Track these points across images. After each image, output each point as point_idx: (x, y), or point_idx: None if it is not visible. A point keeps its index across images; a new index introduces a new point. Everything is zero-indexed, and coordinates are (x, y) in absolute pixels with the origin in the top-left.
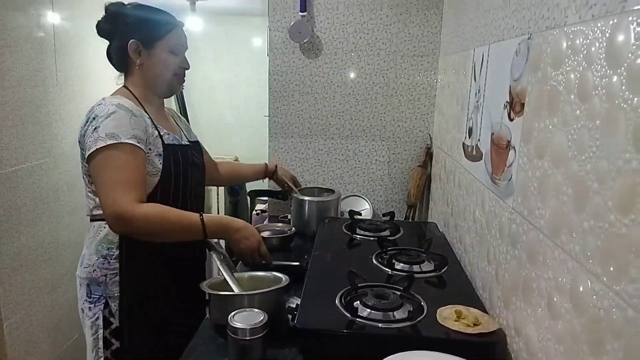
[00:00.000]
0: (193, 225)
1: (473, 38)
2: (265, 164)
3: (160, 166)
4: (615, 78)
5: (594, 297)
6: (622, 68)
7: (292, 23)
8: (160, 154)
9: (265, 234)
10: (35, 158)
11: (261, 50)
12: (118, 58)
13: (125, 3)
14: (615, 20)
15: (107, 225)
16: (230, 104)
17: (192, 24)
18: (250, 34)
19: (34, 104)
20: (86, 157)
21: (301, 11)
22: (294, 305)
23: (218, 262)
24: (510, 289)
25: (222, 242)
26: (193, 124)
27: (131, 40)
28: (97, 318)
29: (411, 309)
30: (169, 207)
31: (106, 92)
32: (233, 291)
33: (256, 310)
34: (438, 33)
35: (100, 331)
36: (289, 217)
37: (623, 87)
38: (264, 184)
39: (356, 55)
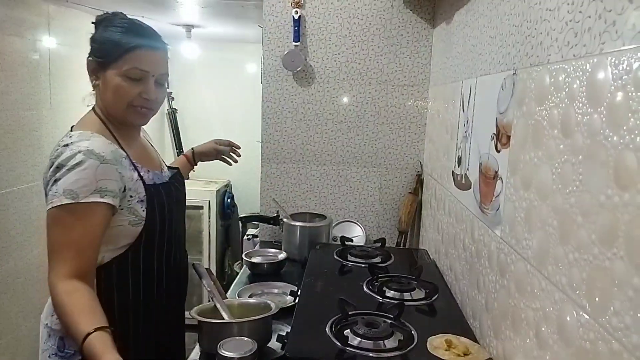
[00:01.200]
0: (77, 335)
1: (461, 70)
2: (184, 154)
3: (144, 214)
4: (595, 116)
5: (580, 329)
6: (602, 107)
7: (286, 52)
8: (142, 200)
9: (257, 259)
10: (26, 181)
11: (255, 76)
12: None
13: (109, 13)
14: (595, 60)
15: None
16: (223, 128)
17: (188, 50)
18: (244, 60)
19: (27, 127)
20: (47, 211)
21: (294, 41)
22: (284, 333)
23: (207, 289)
24: (499, 318)
25: (213, 268)
26: (186, 148)
27: (89, 58)
28: None
29: (402, 338)
30: (85, 296)
31: None
32: (223, 318)
33: (246, 338)
34: (428, 64)
35: None
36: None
37: (603, 125)
38: (256, 208)
39: (348, 84)
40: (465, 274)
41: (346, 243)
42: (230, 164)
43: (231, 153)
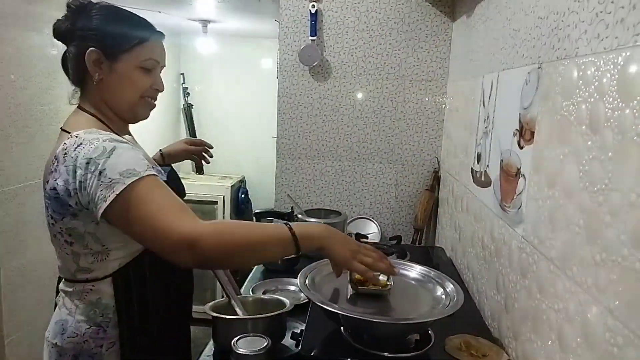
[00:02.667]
0: (281, 234)
1: (482, 65)
2: (161, 153)
3: None
4: (627, 111)
5: (607, 333)
6: (635, 101)
7: (302, 47)
8: None
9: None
10: (42, 175)
11: (270, 72)
12: (74, 68)
13: (94, 1)
14: (628, 53)
15: (96, 288)
16: (238, 124)
17: (204, 46)
18: (260, 55)
19: (44, 121)
20: (102, 210)
21: (311, 35)
22: (299, 331)
23: (223, 285)
24: (520, 320)
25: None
26: None
27: (90, 48)
28: None
29: (418, 338)
30: (234, 221)
31: None
32: (237, 315)
33: (260, 335)
34: (446, 59)
35: None
36: None
37: (636, 121)
38: (272, 204)
39: (365, 79)
40: (484, 273)
41: (361, 240)
42: (201, 165)
43: (203, 153)
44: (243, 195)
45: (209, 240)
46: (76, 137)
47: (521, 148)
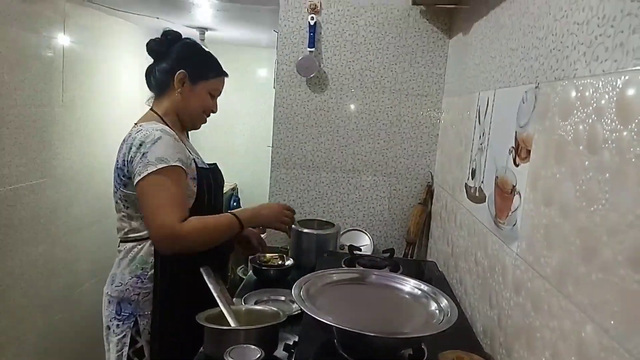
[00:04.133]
0: (231, 223)
1: (478, 82)
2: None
3: (195, 189)
4: (625, 133)
5: (602, 352)
6: (634, 124)
7: (300, 58)
8: (194, 178)
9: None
10: (35, 177)
11: (266, 81)
12: (160, 80)
13: (183, 36)
14: (627, 77)
15: (140, 246)
16: (233, 132)
17: None
18: (257, 64)
19: (38, 123)
20: (135, 182)
21: (309, 47)
22: (292, 343)
23: (215, 294)
24: (513, 336)
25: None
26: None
27: (181, 70)
28: (125, 336)
29: (412, 352)
30: (200, 216)
31: (112, 115)
32: (229, 325)
33: (252, 346)
34: (442, 74)
35: (125, 349)
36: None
37: (634, 143)
38: None
39: (361, 92)
40: (477, 288)
41: (355, 252)
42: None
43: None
44: (235, 204)
45: (188, 237)
46: (140, 126)
47: (517, 166)
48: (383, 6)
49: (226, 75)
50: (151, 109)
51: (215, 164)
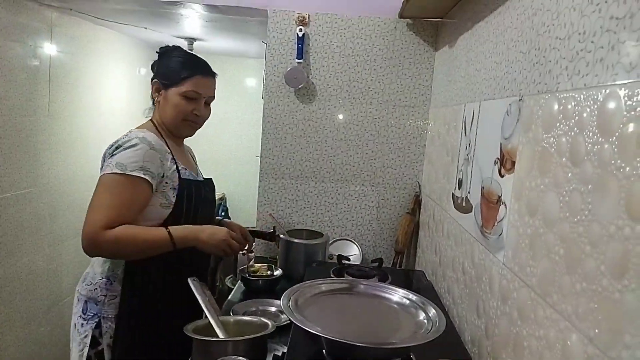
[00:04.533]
0: (162, 239)
1: (464, 94)
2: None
3: (174, 199)
4: (607, 146)
5: None
6: (614, 137)
7: (289, 69)
8: (175, 188)
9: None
10: (20, 187)
11: (254, 91)
12: (151, 93)
13: (171, 45)
14: (607, 91)
15: None
16: (221, 141)
17: None
18: (245, 74)
19: (23, 132)
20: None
21: (298, 58)
22: (280, 354)
23: (203, 305)
24: (500, 345)
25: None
26: None
27: (154, 79)
28: (86, 336)
29: None
30: (140, 226)
31: (98, 125)
32: (218, 336)
33: (241, 358)
34: (429, 86)
35: (86, 349)
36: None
37: (615, 155)
38: (251, 223)
39: (349, 103)
40: (464, 298)
41: (343, 262)
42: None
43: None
44: (223, 213)
45: (105, 245)
46: (130, 131)
47: (502, 176)
48: (370, 19)
49: (202, 73)
50: (151, 119)
51: (210, 178)
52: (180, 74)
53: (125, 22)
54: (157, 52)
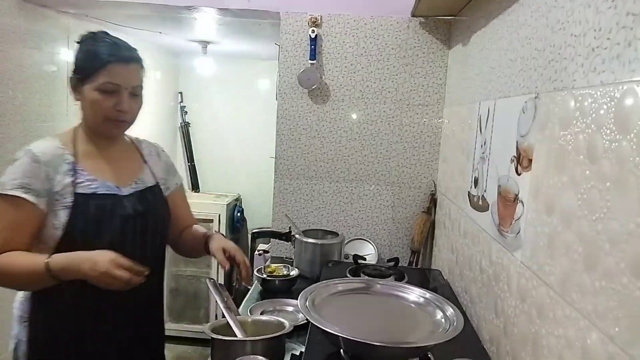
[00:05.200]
0: (37, 271)
1: (479, 92)
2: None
3: (66, 219)
4: (625, 143)
5: (607, 359)
6: (632, 134)
7: (302, 70)
8: (67, 207)
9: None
10: None
11: (268, 93)
12: None
13: (91, 32)
14: (624, 87)
15: None
16: (236, 143)
17: (203, 66)
18: (258, 76)
19: (42, 138)
20: None
21: (311, 59)
22: (298, 353)
23: (221, 305)
24: (519, 344)
25: (221, 282)
26: (198, 162)
27: (70, 75)
28: (10, 357)
29: None
30: (22, 253)
31: None
32: (236, 335)
33: (259, 357)
34: (443, 84)
35: None
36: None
37: (633, 152)
38: (267, 223)
39: (363, 102)
40: (482, 297)
41: (359, 262)
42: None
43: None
44: (238, 214)
45: None
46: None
47: (519, 174)
48: (382, 18)
49: (118, 59)
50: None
51: (154, 185)
52: (93, 64)
53: (140, 27)
54: (76, 42)
